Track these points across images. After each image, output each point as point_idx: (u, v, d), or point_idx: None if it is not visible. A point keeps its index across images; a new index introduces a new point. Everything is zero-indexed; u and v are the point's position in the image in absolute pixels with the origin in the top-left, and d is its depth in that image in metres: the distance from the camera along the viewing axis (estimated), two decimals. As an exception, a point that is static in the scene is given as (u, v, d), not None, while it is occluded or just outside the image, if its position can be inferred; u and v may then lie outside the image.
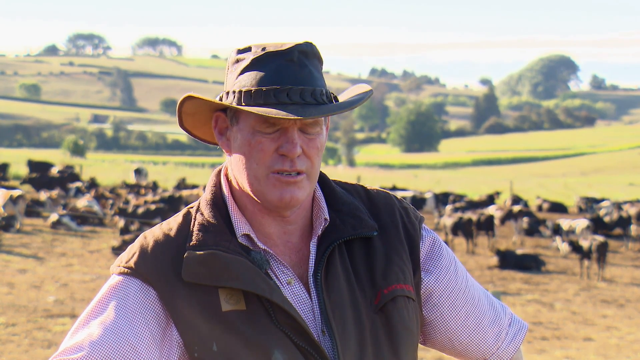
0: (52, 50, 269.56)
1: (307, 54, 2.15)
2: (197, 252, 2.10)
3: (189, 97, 2.16)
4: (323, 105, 2.12)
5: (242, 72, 2.14)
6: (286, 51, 2.13)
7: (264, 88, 2.10)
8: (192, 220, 2.18)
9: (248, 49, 2.16)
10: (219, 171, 2.26)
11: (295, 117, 2.05)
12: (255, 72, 2.12)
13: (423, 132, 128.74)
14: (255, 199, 2.15)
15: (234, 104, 2.12)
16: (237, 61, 2.17)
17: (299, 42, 2.16)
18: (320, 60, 2.19)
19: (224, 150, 2.21)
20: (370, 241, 2.23)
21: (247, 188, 2.15)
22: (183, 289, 2.10)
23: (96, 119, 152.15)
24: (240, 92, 2.12)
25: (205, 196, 2.22)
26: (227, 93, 2.15)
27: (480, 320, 2.32)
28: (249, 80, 2.12)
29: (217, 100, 2.15)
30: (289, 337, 2.08)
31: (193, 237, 2.14)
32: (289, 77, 2.11)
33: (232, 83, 2.16)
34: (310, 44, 2.17)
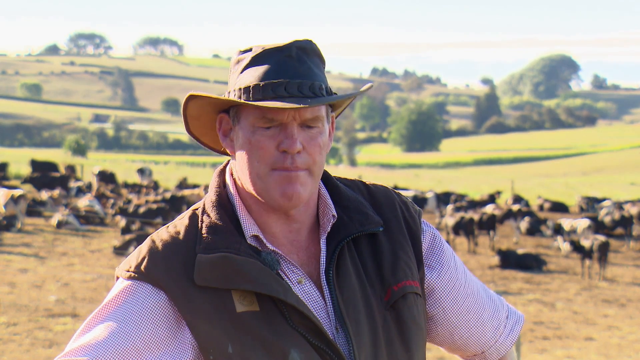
0: (53, 50, 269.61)
1: (306, 51, 2.15)
2: (209, 256, 2.09)
3: (192, 97, 2.15)
4: (322, 97, 2.11)
5: (243, 70, 2.15)
6: (284, 47, 2.13)
7: (261, 83, 2.09)
8: (199, 222, 2.16)
9: (249, 50, 2.17)
10: (221, 171, 2.25)
11: (289, 106, 2.04)
12: (254, 68, 2.13)
13: (424, 132, 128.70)
14: (259, 198, 2.14)
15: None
16: (239, 61, 2.18)
17: (298, 39, 2.16)
18: (321, 59, 2.18)
19: (228, 152, 2.21)
20: (376, 237, 2.22)
21: (250, 187, 2.14)
22: (196, 292, 2.08)
23: (97, 118, 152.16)
24: (240, 89, 2.12)
25: (210, 197, 2.21)
26: (229, 93, 2.16)
27: (480, 315, 2.33)
28: (249, 77, 2.12)
29: (217, 96, 2.15)
30: (304, 337, 2.07)
31: (203, 240, 2.12)
32: (287, 71, 2.10)
33: (234, 82, 2.16)
34: (310, 41, 2.17)
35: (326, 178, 2.27)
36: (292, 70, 2.11)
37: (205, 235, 2.13)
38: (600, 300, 15.76)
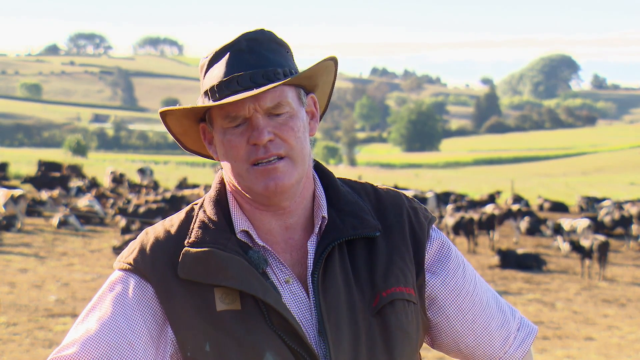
0: (53, 50, 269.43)
1: (258, 40, 2.14)
2: (194, 250, 2.10)
3: (165, 115, 2.18)
4: (271, 83, 2.10)
5: (204, 76, 2.17)
6: (232, 42, 2.14)
7: (215, 84, 2.11)
8: (194, 217, 2.18)
9: (210, 54, 2.19)
10: None
11: (235, 99, 2.05)
12: (210, 71, 2.15)
13: (424, 132, 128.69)
14: (247, 195, 2.14)
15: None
16: (202, 68, 2.20)
17: (248, 31, 2.16)
18: (279, 43, 2.17)
19: (214, 158, 2.23)
20: (374, 241, 2.19)
21: (237, 187, 2.15)
22: (179, 287, 2.09)
23: (97, 118, 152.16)
24: (202, 95, 2.16)
25: (210, 193, 2.22)
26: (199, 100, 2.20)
27: (488, 324, 2.29)
28: (208, 81, 2.15)
29: (179, 107, 2.16)
30: (282, 339, 2.06)
31: (192, 235, 2.13)
32: (239, 65, 2.11)
33: (201, 89, 2.19)
34: (262, 30, 2.16)
35: (328, 180, 2.25)
36: (243, 63, 2.11)
37: (195, 230, 2.14)
38: (600, 300, 15.76)
